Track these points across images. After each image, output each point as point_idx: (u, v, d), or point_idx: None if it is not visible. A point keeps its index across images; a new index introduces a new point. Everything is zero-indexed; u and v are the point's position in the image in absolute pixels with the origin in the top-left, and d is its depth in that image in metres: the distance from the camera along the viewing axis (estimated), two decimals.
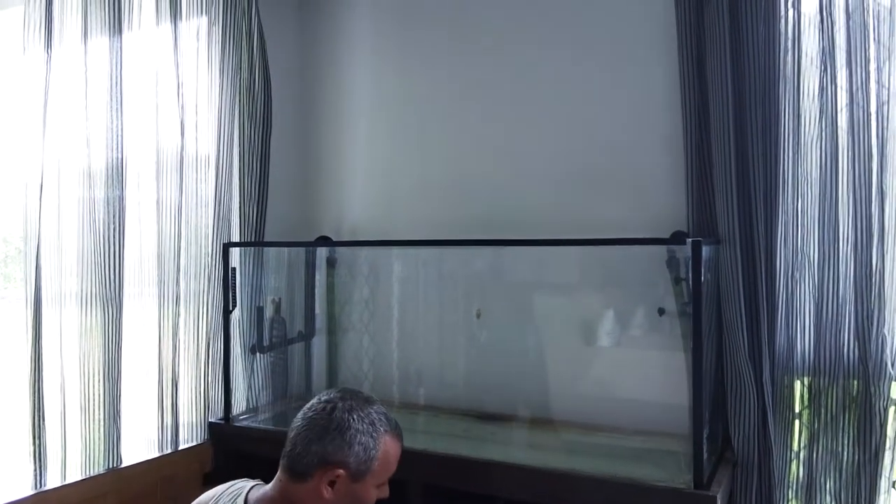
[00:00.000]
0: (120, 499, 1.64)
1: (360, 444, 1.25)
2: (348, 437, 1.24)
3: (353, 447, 1.24)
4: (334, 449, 1.24)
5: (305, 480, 1.24)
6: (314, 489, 1.24)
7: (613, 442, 1.76)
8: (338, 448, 1.24)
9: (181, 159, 1.82)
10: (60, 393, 1.59)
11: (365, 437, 1.25)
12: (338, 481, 1.24)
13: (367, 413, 1.28)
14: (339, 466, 1.23)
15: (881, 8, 1.57)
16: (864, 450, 1.57)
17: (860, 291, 1.56)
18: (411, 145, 2.16)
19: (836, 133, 1.59)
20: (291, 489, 1.25)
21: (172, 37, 1.82)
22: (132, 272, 1.71)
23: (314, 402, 1.31)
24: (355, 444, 1.24)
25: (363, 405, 1.29)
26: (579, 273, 1.95)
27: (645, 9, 1.82)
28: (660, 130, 1.79)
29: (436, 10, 2.12)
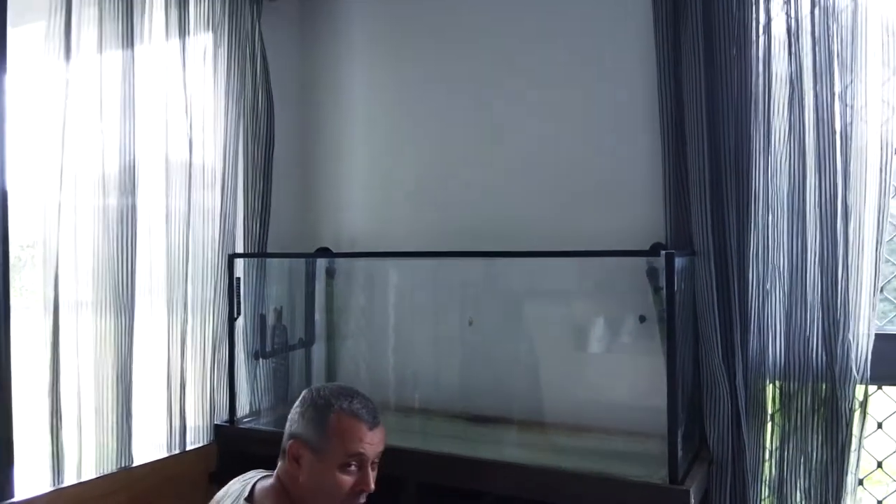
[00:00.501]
0: (131, 496, 1.73)
1: (311, 418, 1.37)
2: (305, 410, 1.38)
3: (305, 418, 1.37)
4: (294, 423, 1.38)
5: (284, 459, 1.37)
6: (290, 466, 1.37)
7: (597, 442, 1.85)
8: (296, 421, 1.39)
9: (189, 174, 1.92)
10: (76, 396, 1.68)
11: (316, 411, 1.38)
12: (302, 456, 1.36)
13: (329, 393, 1.40)
14: (296, 438, 1.36)
15: (845, 32, 1.67)
16: (832, 449, 1.67)
17: (827, 301, 1.65)
18: (406, 160, 2.26)
19: (804, 151, 1.69)
20: (280, 471, 1.39)
21: (181, 56, 1.92)
22: (142, 280, 1.81)
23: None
24: (307, 417, 1.37)
25: (333, 390, 1.43)
26: (566, 282, 2.04)
27: (625, 31, 1.93)
28: (640, 148, 1.89)
29: (431, 31, 2.22)
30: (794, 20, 1.70)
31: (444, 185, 2.19)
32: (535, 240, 1.99)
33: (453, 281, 2.18)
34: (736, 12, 1.72)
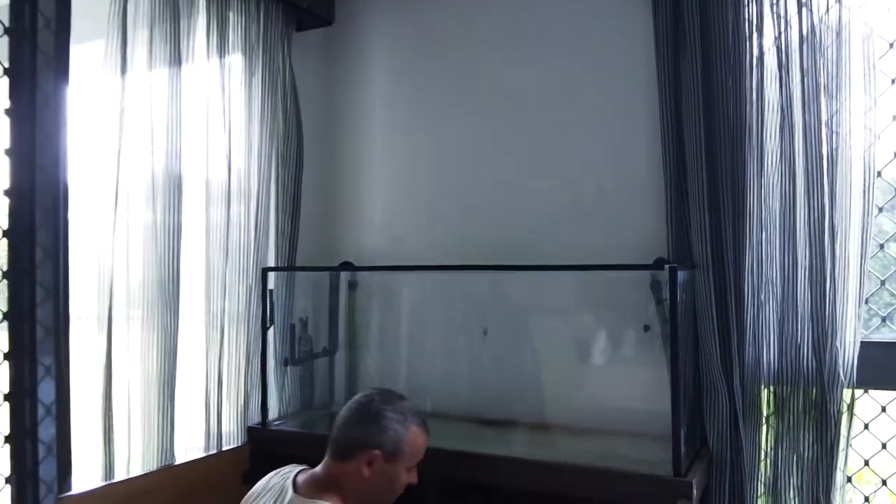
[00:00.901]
0: (174, 492, 1.87)
1: (393, 430, 1.52)
2: (384, 423, 1.51)
3: (386, 432, 1.51)
4: (372, 433, 1.51)
5: (348, 461, 1.50)
6: (355, 468, 1.50)
7: (604, 442, 1.99)
8: (375, 433, 1.52)
9: (228, 193, 2.07)
10: (126, 401, 1.83)
11: (397, 424, 1.53)
12: (374, 461, 1.50)
13: (400, 406, 1.55)
14: (375, 448, 1.50)
15: (830, 65, 1.82)
16: (822, 448, 1.79)
17: (816, 311, 1.79)
18: (422, 181, 2.41)
19: (794, 173, 1.83)
20: (336, 469, 1.51)
21: (220, 81, 2.07)
22: (185, 293, 1.96)
23: (356, 397, 1.59)
24: (389, 430, 1.51)
25: (396, 400, 1.57)
26: (575, 294, 2.18)
27: (630, 62, 2.08)
28: (644, 170, 2.04)
29: (447, 62, 2.37)
30: (784, 54, 1.85)
31: (457, 204, 2.33)
32: (545, 254, 2.13)
33: (467, 293, 2.32)
34: (731, 46, 1.87)
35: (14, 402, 1.66)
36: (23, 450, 1.67)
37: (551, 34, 2.21)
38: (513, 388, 2.20)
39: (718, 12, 1.89)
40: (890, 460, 1.93)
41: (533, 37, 2.24)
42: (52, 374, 1.69)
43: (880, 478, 1.97)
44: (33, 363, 1.67)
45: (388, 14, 2.48)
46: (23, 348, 1.67)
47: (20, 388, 1.66)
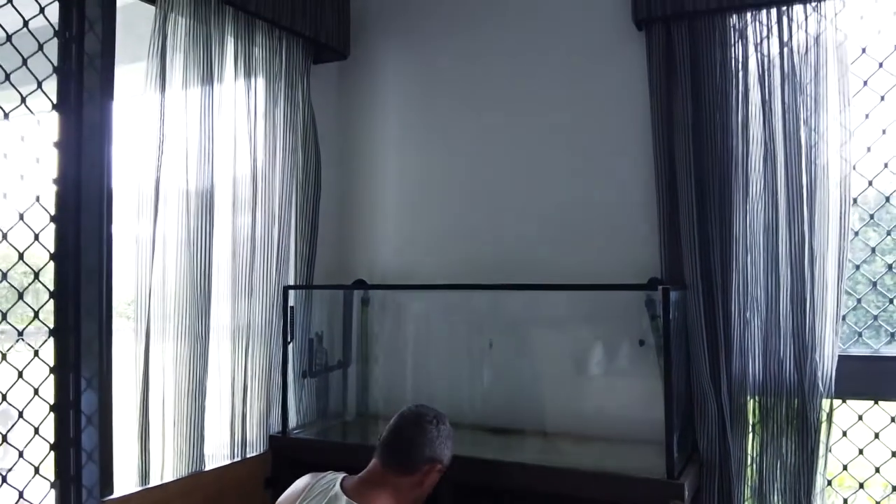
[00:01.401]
0: (203, 497, 2.00)
1: (449, 448, 1.75)
2: (444, 441, 1.75)
3: (445, 449, 1.74)
4: (437, 450, 1.73)
5: (412, 473, 1.69)
6: (418, 479, 1.70)
7: (603, 448, 2.14)
8: (439, 450, 1.73)
9: (253, 215, 2.22)
10: (161, 411, 1.97)
11: (449, 441, 1.77)
12: (434, 473, 1.69)
13: (447, 425, 1.77)
14: (439, 463, 1.70)
15: (810, 101, 1.99)
16: (803, 454, 1.95)
17: (797, 328, 1.95)
18: (432, 204, 2.57)
19: (776, 202, 2.00)
20: (394, 479, 1.70)
21: (246, 113, 2.23)
22: (214, 309, 2.10)
23: (414, 414, 1.79)
24: (447, 447, 1.75)
25: (444, 419, 1.80)
26: (576, 309, 2.35)
27: (625, 98, 2.26)
28: (639, 197, 2.21)
29: (454, 93, 2.55)
30: (767, 92, 2.02)
31: (465, 226, 2.50)
32: (548, 273, 2.28)
33: (473, 309, 2.48)
34: (719, 84, 2.05)
35: (58, 412, 1.80)
36: (66, 457, 1.80)
37: (553, 72, 2.38)
38: (517, 398, 2.36)
39: (707, 52, 2.07)
40: (867, 465, 2.09)
41: (535, 74, 2.41)
42: (94, 386, 1.83)
43: (858, 482, 2.13)
44: (77, 376, 1.81)
45: (399, 51, 2.66)
46: (67, 362, 1.81)
47: (65, 400, 1.80)
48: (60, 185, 1.80)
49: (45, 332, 1.80)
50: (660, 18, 2.12)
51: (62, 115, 1.80)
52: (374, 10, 2.69)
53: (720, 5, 2.04)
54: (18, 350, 1.77)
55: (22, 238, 1.76)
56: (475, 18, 2.52)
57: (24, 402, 1.74)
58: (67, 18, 1.81)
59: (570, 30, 2.36)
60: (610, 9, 2.27)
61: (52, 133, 1.81)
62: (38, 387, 1.77)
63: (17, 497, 1.77)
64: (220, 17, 2.12)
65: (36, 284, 1.81)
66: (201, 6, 2.05)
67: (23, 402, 1.74)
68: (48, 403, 1.79)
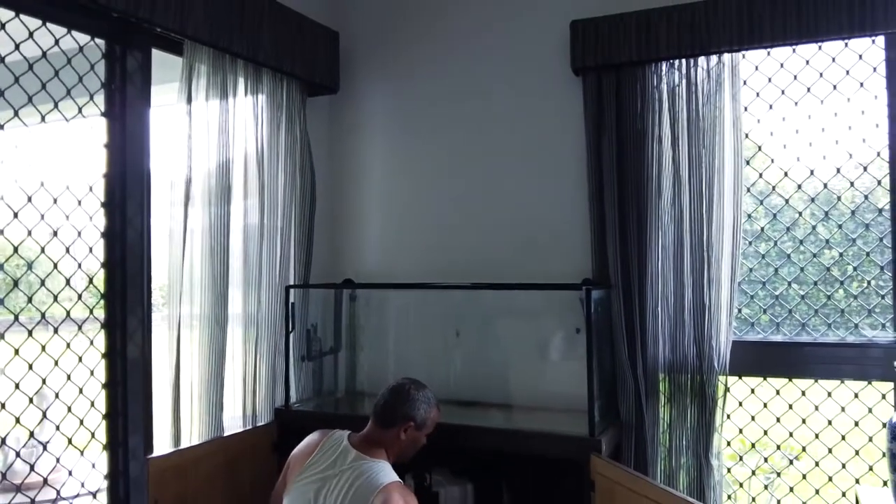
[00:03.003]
0: (226, 457, 2.43)
1: (423, 409, 2.19)
2: (416, 403, 2.17)
3: (418, 410, 2.17)
4: (409, 410, 2.16)
5: (390, 428, 2.14)
6: (396, 434, 2.14)
7: (548, 415, 2.59)
8: (411, 409, 2.17)
9: (261, 228, 2.67)
10: (189, 387, 2.42)
11: (425, 404, 2.21)
12: (409, 429, 2.14)
13: (426, 391, 2.23)
14: (411, 419, 2.15)
15: (708, 139, 2.44)
16: (703, 420, 2.42)
17: (697, 319, 2.42)
18: (410, 216, 3.03)
19: (682, 217, 2.45)
20: (380, 434, 2.16)
21: (255, 136, 2.67)
22: (230, 302, 2.56)
23: (396, 383, 2.25)
24: (420, 408, 2.17)
25: (423, 387, 2.25)
26: (529, 305, 2.80)
27: (566, 137, 2.71)
28: (576, 213, 2.66)
29: (428, 123, 3.00)
30: (678, 128, 2.48)
31: (437, 235, 2.96)
32: (506, 275, 2.74)
33: (443, 303, 2.93)
34: (639, 127, 2.50)
35: (109, 390, 2.26)
36: (115, 425, 2.26)
37: (509, 108, 2.85)
38: (479, 377, 2.82)
39: (629, 96, 2.53)
40: (757, 429, 2.59)
41: (494, 108, 2.87)
42: (137, 368, 2.29)
43: (750, 442, 2.63)
44: (124, 360, 2.27)
45: (381, 85, 3.11)
46: (115, 349, 2.27)
47: (114, 380, 2.26)
48: (108, 179, 2.26)
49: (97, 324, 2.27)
50: (592, 67, 2.58)
51: (108, 94, 2.27)
52: (360, 51, 3.14)
53: (640, 58, 2.50)
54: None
55: (78, 247, 2.22)
56: (445, 59, 2.98)
57: (83, 383, 2.20)
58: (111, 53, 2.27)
59: (524, 73, 2.82)
60: (555, 58, 2.72)
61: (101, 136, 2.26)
62: (93, 369, 2.24)
63: (78, 455, 2.25)
64: (234, 66, 2.57)
65: (90, 286, 2.28)
66: (219, 58, 2.50)
67: (81, 383, 2.20)
68: (101, 382, 2.25)
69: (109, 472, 2.26)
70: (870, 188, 2.43)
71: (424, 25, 3.04)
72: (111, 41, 2.26)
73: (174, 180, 2.41)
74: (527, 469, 2.45)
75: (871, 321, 2.44)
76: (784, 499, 2.60)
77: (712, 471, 2.42)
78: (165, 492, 2.21)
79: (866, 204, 2.45)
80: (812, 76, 2.48)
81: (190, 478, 2.31)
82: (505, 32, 2.87)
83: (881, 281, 2.43)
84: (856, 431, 2.42)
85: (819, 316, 2.50)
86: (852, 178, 2.46)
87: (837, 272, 2.50)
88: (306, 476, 2.14)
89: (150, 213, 2.33)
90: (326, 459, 2.15)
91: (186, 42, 2.38)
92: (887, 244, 2.41)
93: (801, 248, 2.53)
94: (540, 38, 2.78)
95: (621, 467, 2.18)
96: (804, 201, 2.53)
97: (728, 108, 2.47)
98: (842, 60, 2.44)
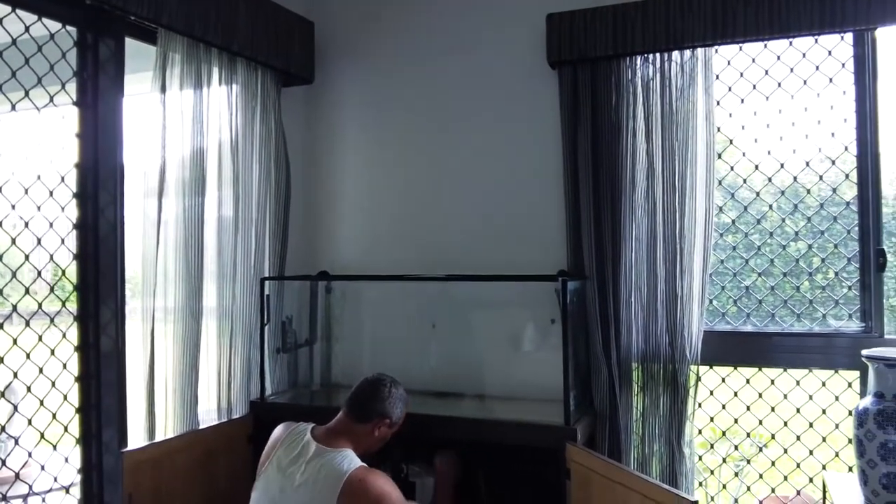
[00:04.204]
0: (201, 449, 2.42)
1: (399, 408, 2.20)
2: (394, 401, 2.19)
3: (396, 408, 2.18)
4: (386, 407, 2.18)
5: (364, 423, 2.15)
6: (370, 429, 2.15)
7: (523, 405, 2.61)
8: (390, 407, 2.18)
9: (236, 219, 2.65)
10: (164, 380, 2.40)
11: (401, 403, 2.22)
12: (382, 426, 2.14)
13: (401, 390, 2.24)
14: (387, 417, 2.16)
15: (682, 133, 2.47)
16: (675, 408, 2.46)
17: (670, 309, 2.46)
18: (384, 208, 3.03)
19: (655, 210, 2.50)
20: (351, 427, 2.15)
21: (230, 127, 2.64)
22: (205, 295, 2.54)
23: (373, 378, 2.25)
24: (397, 407, 2.18)
25: (399, 385, 2.25)
26: (505, 296, 2.81)
27: (542, 128, 2.73)
28: (552, 206, 2.69)
29: (403, 113, 3.01)
30: (650, 127, 2.51)
31: (411, 227, 2.97)
32: (483, 267, 2.75)
33: (418, 295, 2.94)
34: (613, 120, 2.54)
35: (82, 383, 2.23)
36: (89, 419, 2.23)
37: (485, 100, 2.86)
38: (455, 368, 2.83)
39: (604, 90, 2.56)
40: (728, 418, 2.64)
41: (470, 101, 2.89)
42: (111, 361, 2.27)
43: (721, 430, 2.69)
44: (97, 353, 2.24)
45: (357, 76, 3.11)
46: (88, 342, 2.24)
47: (87, 373, 2.23)
48: (80, 169, 2.23)
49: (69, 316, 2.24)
50: (568, 61, 2.60)
51: (80, 84, 2.23)
52: (336, 42, 3.13)
53: (615, 52, 2.53)
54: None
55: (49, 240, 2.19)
56: (420, 52, 2.98)
57: (55, 376, 2.17)
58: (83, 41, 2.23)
59: (501, 66, 2.83)
60: (531, 51, 2.74)
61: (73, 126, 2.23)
62: (65, 362, 2.21)
63: (51, 450, 2.22)
64: (208, 55, 2.54)
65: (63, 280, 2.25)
66: (193, 47, 2.47)
67: (54, 376, 2.17)
68: (74, 376, 2.22)
69: (83, 466, 2.23)
70: (837, 182, 2.49)
71: (401, 17, 3.04)
72: (83, 29, 2.22)
73: (148, 171, 2.39)
74: (503, 458, 2.48)
75: (838, 312, 2.50)
76: (753, 485, 2.66)
77: (684, 458, 2.46)
78: (140, 485, 2.20)
79: (834, 197, 2.50)
80: (783, 71, 2.52)
81: (165, 471, 2.29)
82: (482, 24, 2.88)
83: (847, 272, 2.49)
84: (823, 419, 2.48)
85: (787, 307, 2.56)
86: (821, 171, 2.51)
87: (805, 264, 2.56)
88: (270, 471, 2.15)
89: (123, 204, 2.30)
90: (290, 454, 2.15)
91: (160, 30, 2.35)
92: (854, 237, 2.46)
93: (769, 240, 2.58)
94: (516, 30, 2.80)
95: (596, 455, 2.21)
96: (773, 194, 2.57)
97: (701, 102, 2.50)
98: (812, 56, 2.49)
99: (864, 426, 1.99)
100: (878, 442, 1.96)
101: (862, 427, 2.00)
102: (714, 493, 2.69)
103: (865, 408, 2.01)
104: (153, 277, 2.37)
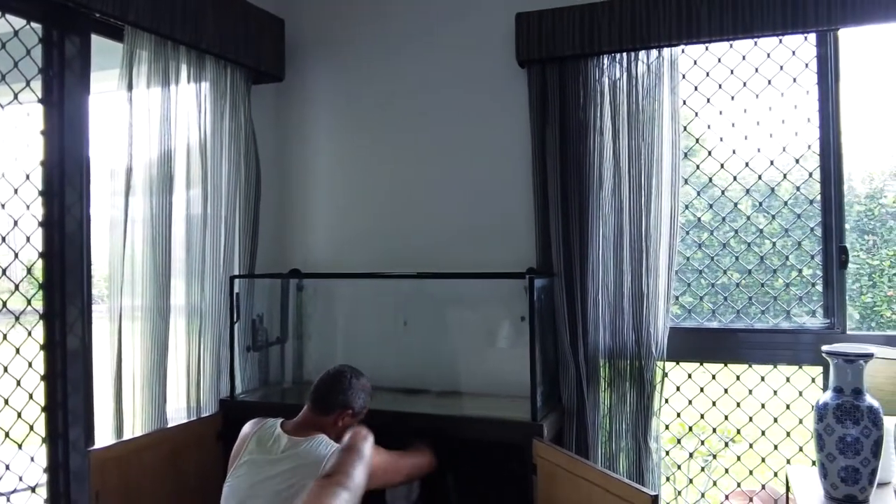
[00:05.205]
0: (168, 447, 2.41)
1: (361, 398, 2.20)
2: (356, 392, 2.19)
3: (357, 398, 2.18)
4: (348, 399, 2.18)
5: (328, 415, 2.15)
6: (333, 420, 2.15)
7: (492, 401, 2.62)
8: (351, 398, 2.18)
9: (205, 217, 2.64)
10: (132, 379, 2.39)
11: (363, 394, 2.22)
12: (346, 416, 2.15)
13: (364, 381, 2.24)
14: (349, 408, 2.16)
15: (648, 136, 2.49)
16: (642, 404, 2.50)
17: (636, 307, 2.49)
18: (356, 205, 3.04)
19: (621, 209, 2.53)
20: (317, 419, 2.16)
21: (198, 124, 2.63)
22: (173, 293, 2.53)
23: (335, 370, 2.25)
24: (358, 398, 2.18)
25: (361, 376, 2.26)
26: (476, 294, 2.82)
27: (511, 131, 2.75)
28: (522, 205, 2.70)
29: (374, 110, 3.01)
30: (616, 126, 2.54)
31: (383, 224, 2.98)
32: (453, 264, 2.78)
33: (391, 293, 2.95)
34: (581, 119, 2.56)
35: (48, 382, 2.22)
36: (55, 418, 2.23)
37: (454, 99, 2.87)
38: (426, 365, 2.85)
39: (572, 89, 2.59)
40: (694, 413, 2.67)
41: (440, 99, 2.90)
42: (77, 360, 2.26)
43: (688, 425, 2.72)
44: (64, 351, 2.23)
45: (327, 74, 3.11)
46: (54, 341, 2.23)
47: (53, 371, 2.22)
48: (46, 166, 2.22)
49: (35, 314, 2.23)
50: (537, 60, 2.62)
51: (45, 80, 2.22)
52: (306, 40, 3.13)
53: (583, 51, 2.55)
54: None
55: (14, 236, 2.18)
56: (390, 51, 2.99)
57: (20, 375, 2.16)
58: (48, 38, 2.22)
59: (471, 65, 2.85)
60: (500, 50, 2.76)
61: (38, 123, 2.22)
62: (31, 360, 2.20)
63: (16, 449, 2.21)
64: (176, 52, 2.53)
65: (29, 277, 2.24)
66: (161, 44, 2.46)
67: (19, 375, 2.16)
68: (39, 374, 2.21)
69: (49, 466, 2.23)
70: (801, 180, 2.53)
71: (372, 15, 3.04)
72: (49, 26, 2.21)
73: (115, 169, 2.37)
74: (471, 454, 2.49)
75: (801, 309, 2.54)
76: (720, 480, 2.70)
77: (651, 454, 2.49)
78: (107, 484, 2.18)
79: (798, 195, 2.54)
80: (748, 71, 2.56)
81: (133, 469, 2.28)
82: (452, 24, 2.89)
83: (811, 269, 2.53)
84: (787, 414, 2.52)
85: (753, 303, 2.59)
86: (786, 170, 2.54)
87: (770, 261, 2.60)
88: (241, 467, 2.14)
89: (89, 201, 2.29)
90: (263, 446, 2.15)
91: (127, 28, 2.34)
92: (818, 234, 2.50)
93: (734, 237, 2.62)
94: (486, 30, 2.81)
95: (563, 451, 2.23)
96: (739, 192, 2.61)
97: (667, 102, 2.53)
98: (776, 56, 2.52)
99: (823, 420, 2.03)
100: (836, 436, 2.00)
101: (822, 421, 2.04)
102: (681, 487, 2.72)
103: (825, 402, 2.04)
104: (120, 275, 2.36)
